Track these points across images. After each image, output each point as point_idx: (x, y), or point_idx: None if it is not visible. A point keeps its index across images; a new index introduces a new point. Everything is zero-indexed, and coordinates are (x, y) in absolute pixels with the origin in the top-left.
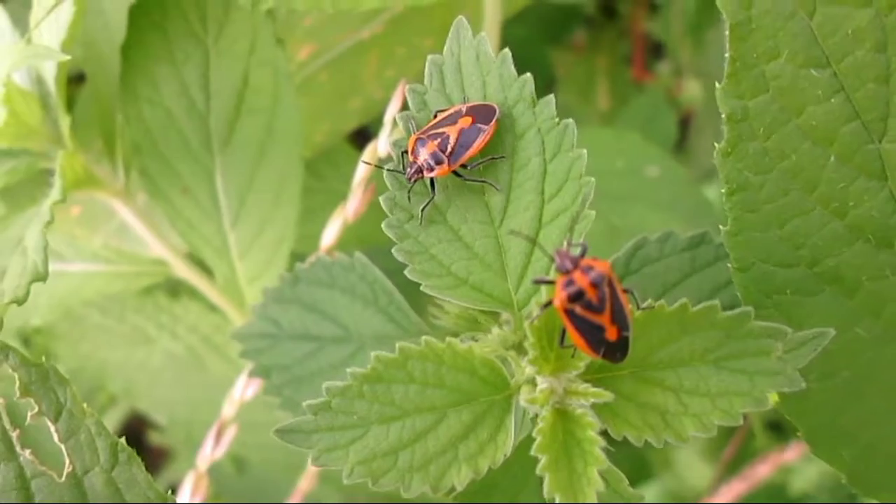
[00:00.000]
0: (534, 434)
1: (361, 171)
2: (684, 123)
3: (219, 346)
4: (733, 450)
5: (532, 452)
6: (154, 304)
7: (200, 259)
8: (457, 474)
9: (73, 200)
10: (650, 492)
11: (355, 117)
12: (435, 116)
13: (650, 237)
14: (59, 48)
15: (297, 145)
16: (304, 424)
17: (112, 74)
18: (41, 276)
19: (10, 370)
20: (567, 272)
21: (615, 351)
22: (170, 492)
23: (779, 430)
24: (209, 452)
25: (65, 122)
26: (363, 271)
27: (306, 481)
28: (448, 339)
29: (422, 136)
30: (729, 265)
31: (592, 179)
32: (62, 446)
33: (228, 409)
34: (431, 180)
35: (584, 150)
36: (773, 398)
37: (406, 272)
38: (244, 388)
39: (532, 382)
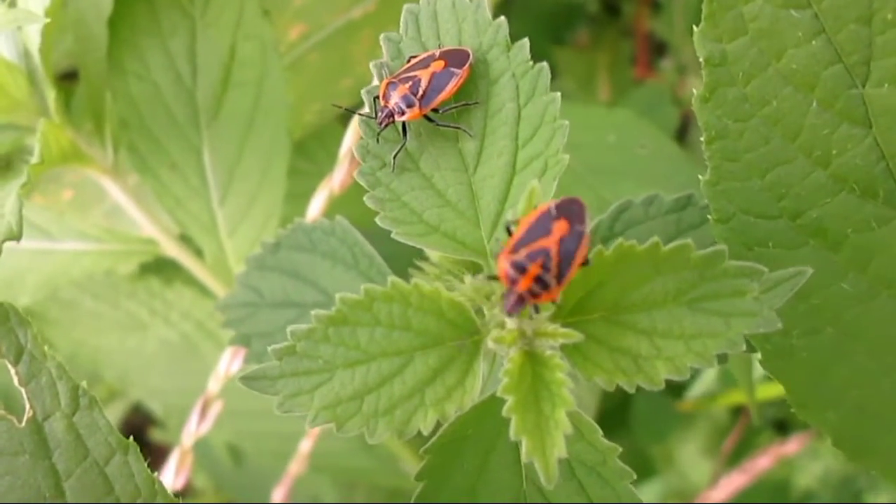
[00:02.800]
0: (500, 375)
1: (348, 142)
2: (687, 120)
3: (212, 332)
4: (733, 442)
5: (498, 394)
6: (147, 289)
7: (191, 239)
8: (423, 419)
9: (64, 183)
10: (652, 489)
11: (346, 97)
12: (408, 62)
13: (635, 200)
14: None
15: (285, 119)
16: (270, 370)
17: (101, 52)
18: (14, 236)
19: None
20: (519, 302)
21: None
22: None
23: (782, 428)
24: (194, 428)
25: (51, 95)
26: (343, 235)
27: (296, 465)
28: (414, 280)
29: (393, 80)
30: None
31: (567, 122)
32: (23, 390)
33: (213, 385)
34: (404, 125)
35: (559, 94)
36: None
37: (377, 219)
38: (229, 362)
39: (501, 324)
